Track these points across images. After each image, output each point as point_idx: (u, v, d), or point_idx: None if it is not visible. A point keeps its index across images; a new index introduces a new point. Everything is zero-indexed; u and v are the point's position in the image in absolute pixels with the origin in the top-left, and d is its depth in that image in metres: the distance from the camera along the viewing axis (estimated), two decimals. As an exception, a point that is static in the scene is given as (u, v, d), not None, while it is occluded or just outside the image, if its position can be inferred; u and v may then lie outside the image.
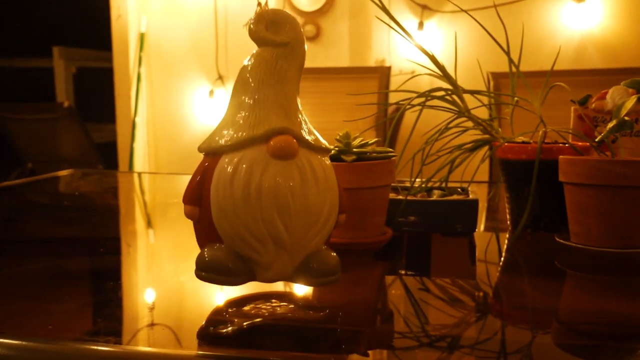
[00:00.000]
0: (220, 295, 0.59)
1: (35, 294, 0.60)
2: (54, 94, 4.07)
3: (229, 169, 0.48)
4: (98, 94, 3.56)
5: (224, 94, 2.63)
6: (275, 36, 0.51)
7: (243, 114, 0.49)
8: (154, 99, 2.89)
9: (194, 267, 0.51)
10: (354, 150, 0.67)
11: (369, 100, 1.61)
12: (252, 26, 0.52)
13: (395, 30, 0.79)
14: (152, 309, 0.55)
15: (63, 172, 1.48)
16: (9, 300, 0.58)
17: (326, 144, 0.52)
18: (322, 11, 2.61)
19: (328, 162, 0.51)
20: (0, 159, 3.60)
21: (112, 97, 2.97)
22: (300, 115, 0.51)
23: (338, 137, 0.69)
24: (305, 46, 0.52)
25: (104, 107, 3.21)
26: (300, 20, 2.62)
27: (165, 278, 0.61)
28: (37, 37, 4.51)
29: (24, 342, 0.44)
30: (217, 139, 0.49)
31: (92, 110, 3.84)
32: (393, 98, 2.03)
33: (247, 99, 0.50)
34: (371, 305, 0.58)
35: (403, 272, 0.68)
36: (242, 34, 0.54)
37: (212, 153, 0.50)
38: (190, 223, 0.51)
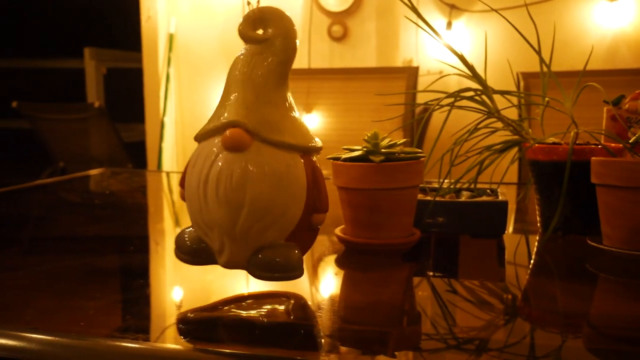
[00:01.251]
0: (243, 292, 0.59)
1: (67, 290, 0.61)
2: (85, 94, 4.13)
3: (194, 156, 0.52)
4: (128, 94, 3.61)
5: (252, 94, 2.64)
6: (256, 33, 0.53)
7: (220, 108, 0.53)
8: (182, 99, 2.92)
9: (220, 268, 0.52)
10: (382, 150, 0.67)
11: (397, 101, 1.60)
12: (240, 24, 0.54)
13: (424, 30, 0.78)
14: (179, 306, 0.56)
15: (94, 171, 1.51)
16: (42, 296, 0.59)
17: (301, 141, 0.52)
18: (349, 11, 2.60)
19: (293, 158, 0.51)
20: (33, 157, 3.67)
21: (142, 97, 3.00)
22: (272, 110, 0.51)
23: (366, 138, 0.68)
24: (296, 42, 0.53)
25: (133, 107, 3.25)
26: (327, 20, 2.62)
27: (192, 276, 0.62)
28: (69, 39, 4.59)
29: (56, 338, 0.44)
30: (201, 129, 0.53)
31: (122, 110, 3.89)
32: (421, 98, 2.02)
33: (226, 93, 0.53)
34: (398, 306, 0.57)
35: (431, 273, 0.67)
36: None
37: (197, 141, 0.54)
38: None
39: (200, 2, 2.77)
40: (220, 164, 0.50)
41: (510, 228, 0.90)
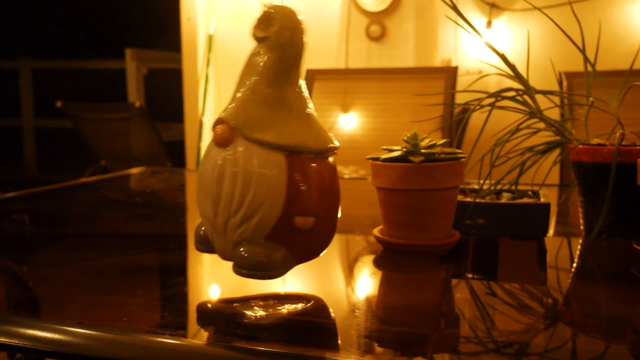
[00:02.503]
0: (277, 294, 0.60)
1: (109, 286, 0.62)
2: (126, 94, 4.21)
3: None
4: (167, 94, 3.66)
5: (289, 94, 2.66)
6: (258, 32, 0.54)
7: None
8: (221, 99, 2.95)
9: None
10: (422, 151, 0.66)
11: (435, 101, 1.58)
12: (252, 25, 0.55)
13: (464, 29, 0.77)
14: (217, 304, 0.56)
15: (134, 170, 1.54)
16: (85, 291, 0.61)
17: (285, 141, 0.51)
18: (387, 11, 2.59)
19: (274, 157, 0.51)
20: (76, 156, 3.75)
21: (181, 97, 3.05)
22: (265, 108, 0.52)
23: (405, 138, 0.68)
24: (302, 38, 0.54)
25: (173, 107, 3.30)
26: (365, 20, 2.62)
27: (230, 274, 0.62)
28: (111, 40, 4.68)
29: (100, 333, 0.45)
30: None
31: (162, 110, 3.95)
32: (459, 99, 1.99)
33: (233, 91, 0.54)
34: (436, 308, 0.57)
35: (470, 275, 0.67)
36: (306, 36, 0.54)
37: None
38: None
39: (240, 3, 2.80)
40: (208, 158, 0.52)
41: (551, 230, 0.88)
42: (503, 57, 0.77)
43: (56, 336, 0.45)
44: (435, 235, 0.68)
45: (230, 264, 0.52)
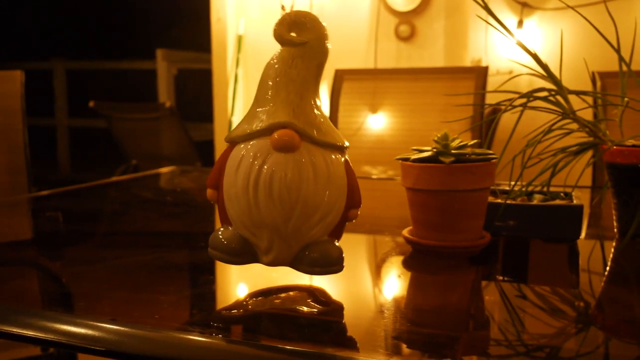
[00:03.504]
0: (308, 293, 0.60)
1: (140, 283, 0.63)
2: (157, 94, 4.26)
3: (237, 158, 0.53)
4: (197, 95, 3.70)
5: (318, 94, 2.66)
6: (294, 36, 0.54)
7: (259, 109, 0.54)
8: (250, 99, 2.96)
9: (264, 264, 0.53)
10: (453, 151, 0.66)
11: (465, 102, 1.57)
12: (275, 27, 0.55)
13: (495, 28, 0.77)
14: (246, 303, 0.57)
15: (164, 169, 1.55)
16: (117, 288, 0.61)
17: (339, 141, 0.54)
18: (417, 11, 2.58)
19: (335, 157, 0.53)
20: (108, 155, 3.81)
21: (211, 97, 3.07)
22: (314, 112, 0.53)
23: (436, 139, 0.68)
24: (329, 45, 0.55)
25: (202, 107, 3.33)
26: (394, 20, 2.61)
27: (259, 273, 0.63)
28: (142, 41, 4.75)
29: (133, 330, 0.46)
30: (235, 130, 0.55)
31: (192, 110, 4.00)
32: (490, 99, 1.97)
33: (265, 94, 0.54)
34: (465, 310, 0.56)
35: (500, 277, 0.66)
36: (336, 35, 0.55)
37: (230, 142, 0.55)
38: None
39: (269, 3, 2.81)
40: (271, 164, 0.51)
41: (584, 233, 0.87)
42: (535, 57, 0.76)
43: (89, 332, 0.46)
44: (465, 236, 0.67)
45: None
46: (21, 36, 5.48)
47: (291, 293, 0.59)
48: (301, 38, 0.54)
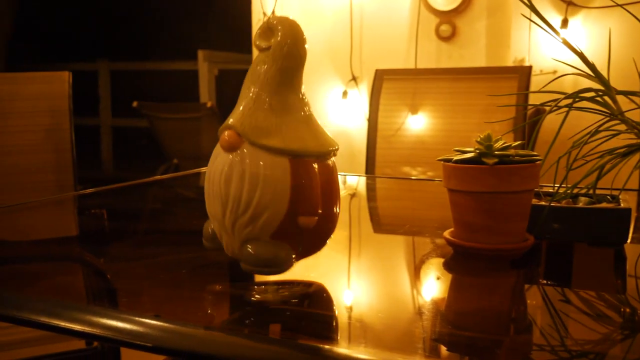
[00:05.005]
0: (347, 293, 0.60)
1: (182, 281, 0.64)
2: (198, 94, 4.32)
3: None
4: (237, 95, 3.73)
5: (357, 95, 2.65)
6: (261, 42, 0.57)
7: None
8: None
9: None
10: (496, 153, 0.65)
11: (508, 102, 1.55)
12: (254, 35, 0.58)
13: (540, 27, 0.75)
14: (285, 302, 0.57)
15: (205, 168, 1.57)
16: (160, 285, 0.63)
17: (292, 145, 0.55)
18: (458, 10, 2.55)
19: (276, 160, 0.54)
20: (150, 155, 3.88)
21: (250, 97, 3.09)
22: (265, 114, 0.55)
23: (479, 140, 0.67)
24: (303, 48, 0.57)
25: (242, 107, 3.35)
26: (435, 19, 2.58)
27: (297, 273, 0.63)
28: (184, 42, 4.82)
29: (177, 327, 0.47)
30: None
31: (232, 110, 4.04)
32: (533, 99, 1.94)
33: (239, 100, 0.58)
34: (507, 313, 0.56)
35: (543, 281, 0.65)
36: (376, 35, 0.55)
37: None
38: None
39: (309, 4, 2.82)
40: (217, 162, 0.56)
41: (631, 237, 0.84)
42: (582, 56, 0.74)
43: (134, 327, 0.47)
44: (508, 239, 0.66)
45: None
46: (68, 38, 5.62)
47: (330, 293, 0.59)
48: (266, 43, 0.57)
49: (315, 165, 0.56)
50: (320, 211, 0.56)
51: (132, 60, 5.37)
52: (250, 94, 0.56)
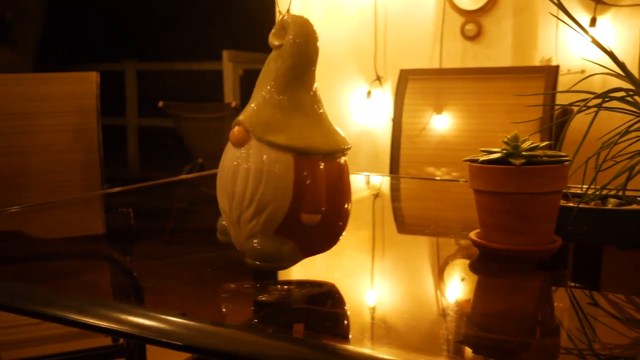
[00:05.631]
0: (371, 294, 0.60)
1: (206, 279, 0.65)
2: (222, 94, 4.35)
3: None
4: (261, 95, 3.74)
5: (382, 95, 2.65)
6: (274, 40, 0.58)
7: None
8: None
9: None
10: (523, 153, 0.64)
11: (534, 102, 1.53)
12: (270, 33, 0.59)
13: (568, 25, 0.74)
14: (308, 301, 0.57)
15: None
16: (185, 283, 0.63)
17: (299, 143, 0.55)
18: (484, 9, 2.53)
19: (281, 157, 0.55)
20: (175, 154, 3.91)
21: (275, 97, 3.10)
22: (274, 111, 0.56)
23: (506, 140, 0.66)
24: (315, 45, 0.58)
25: (266, 107, 3.37)
26: (460, 19, 2.56)
27: (321, 272, 0.63)
28: (209, 42, 4.86)
29: (202, 325, 0.47)
30: None
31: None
32: (560, 99, 1.91)
33: (252, 95, 0.58)
34: (534, 316, 0.55)
35: (570, 284, 0.64)
36: (401, 35, 0.55)
37: None
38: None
39: (334, 4, 2.82)
40: (226, 157, 0.57)
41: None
42: (612, 55, 0.73)
43: (160, 325, 0.47)
44: (535, 240, 0.66)
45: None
46: (96, 39, 5.70)
47: (354, 294, 0.59)
48: (279, 41, 0.57)
49: (322, 164, 0.56)
50: (324, 209, 0.56)
51: (158, 60, 5.43)
52: (262, 92, 0.57)
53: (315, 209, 0.56)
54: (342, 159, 0.59)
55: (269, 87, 0.57)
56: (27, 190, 1.35)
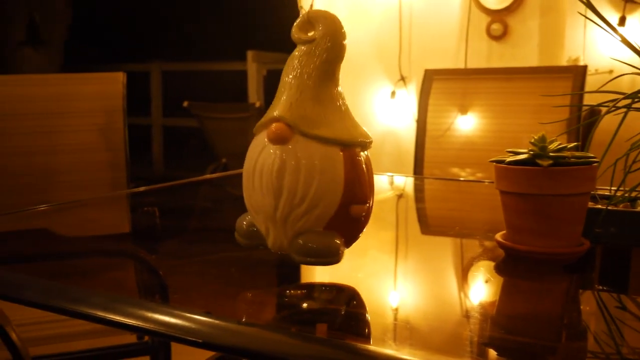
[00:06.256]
0: (394, 294, 0.59)
1: (230, 278, 0.65)
2: (247, 94, 4.37)
3: (249, 149, 0.58)
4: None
5: (406, 95, 2.63)
6: (302, 35, 0.57)
7: (271, 105, 0.58)
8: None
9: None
10: (551, 154, 0.63)
11: (561, 102, 1.51)
12: (292, 28, 0.58)
13: (597, 24, 0.73)
14: (332, 302, 0.57)
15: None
16: (209, 282, 0.64)
17: (342, 136, 0.55)
18: (510, 9, 2.50)
19: (330, 151, 0.55)
20: (200, 153, 3.94)
21: (298, 97, 3.11)
22: (313, 106, 0.55)
23: (533, 140, 0.65)
24: (343, 42, 0.58)
25: (290, 107, 3.37)
26: (486, 18, 2.54)
27: (344, 273, 0.63)
28: (233, 43, 4.88)
29: (227, 324, 0.47)
30: (258, 123, 0.59)
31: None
32: (588, 99, 1.88)
33: (279, 91, 0.58)
34: (560, 319, 0.54)
35: (598, 287, 0.63)
36: (425, 35, 0.55)
37: (254, 134, 0.59)
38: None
39: (357, 4, 2.81)
40: (265, 154, 0.55)
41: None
42: (642, 55, 0.72)
43: (186, 324, 0.47)
44: (562, 243, 0.65)
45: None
46: (121, 39, 5.77)
47: (377, 294, 0.59)
48: (309, 37, 0.57)
49: (361, 156, 0.57)
50: (370, 200, 0.57)
51: (183, 61, 5.48)
52: (293, 86, 0.57)
53: (364, 200, 0.57)
54: (367, 152, 0.60)
55: (303, 82, 0.56)
56: (55, 189, 1.37)
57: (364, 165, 0.57)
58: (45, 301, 0.56)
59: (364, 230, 0.60)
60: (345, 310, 0.54)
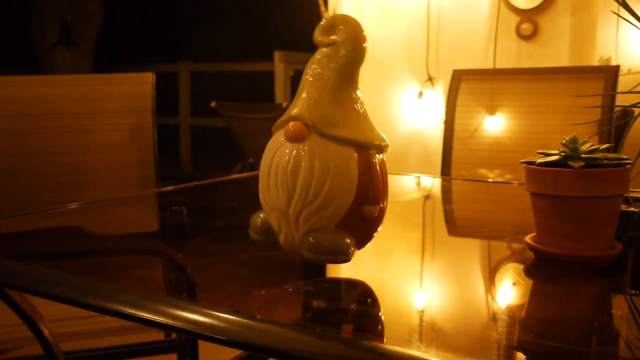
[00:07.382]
0: (420, 296, 0.59)
1: (257, 278, 0.65)
2: (274, 95, 4.39)
3: (267, 146, 0.59)
4: (312, 95, 3.76)
5: (433, 95, 2.62)
6: (324, 38, 0.59)
7: (291, 105, 0.59)
8: (365, 100, 2.97)
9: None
10: (582, 156, 0.62)
11: (593, 103, 1.48)
12: (315, 31, 0.60)
13: (632, 24, 0.72)
14: (356, 302, 0.57)
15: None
16: (237, 281, 0.64)
17: (358, 137, 0.56)
18: (540, 8, 2.47)
19: (344, 151, 0.56)
20: (227, 153, 3.97)
21: (325, 98, 3.11)
22: (331, 106, 0.56)
23: (564, 142, 0.64)
24: (364, 46, 0.59)
25: (317, 108, 3.38)
26: (515, 18, 2.51)
27: (370, 274, 0.63)
28: (261, 43, 4.91)
29: (256, 323, 0.48)
30: (277, 122, 0.60)
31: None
32: (620, 100, 1.85)
33: (298, 92, 0.59)
34: (590, 323, 0.53)
35: (630, 291, 0.62)
36: (453, 35, 0.54)
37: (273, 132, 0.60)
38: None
39: (386, 3, 2.80)
40: (281, 152, 0.56)
41: None
42: (677, 55, 0.70)
43: (214, 322, 0.48)
44: (594, 246, 0.64)
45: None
46: (151, 40, 5.84)
47: (403, 295, 0.58)
48: (330, 40, 0.58)
49: (376, 158, 0.58)
50: (384, 201, 0.57)
51: (211, 61, 5.52)
52: (313, 87, 0.58)
53: (377, 201, 0.57)
54: (382, 155, 0.61)
55: (323, 83, 0.58)
56: (86, 188, 1.40)
57: (378, 167, 0.58)
58: (77, 298, 0.57)
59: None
60: (371, 311, 0.54)
